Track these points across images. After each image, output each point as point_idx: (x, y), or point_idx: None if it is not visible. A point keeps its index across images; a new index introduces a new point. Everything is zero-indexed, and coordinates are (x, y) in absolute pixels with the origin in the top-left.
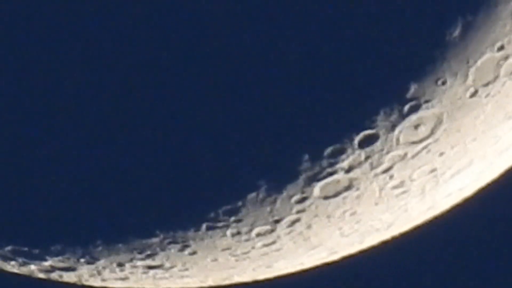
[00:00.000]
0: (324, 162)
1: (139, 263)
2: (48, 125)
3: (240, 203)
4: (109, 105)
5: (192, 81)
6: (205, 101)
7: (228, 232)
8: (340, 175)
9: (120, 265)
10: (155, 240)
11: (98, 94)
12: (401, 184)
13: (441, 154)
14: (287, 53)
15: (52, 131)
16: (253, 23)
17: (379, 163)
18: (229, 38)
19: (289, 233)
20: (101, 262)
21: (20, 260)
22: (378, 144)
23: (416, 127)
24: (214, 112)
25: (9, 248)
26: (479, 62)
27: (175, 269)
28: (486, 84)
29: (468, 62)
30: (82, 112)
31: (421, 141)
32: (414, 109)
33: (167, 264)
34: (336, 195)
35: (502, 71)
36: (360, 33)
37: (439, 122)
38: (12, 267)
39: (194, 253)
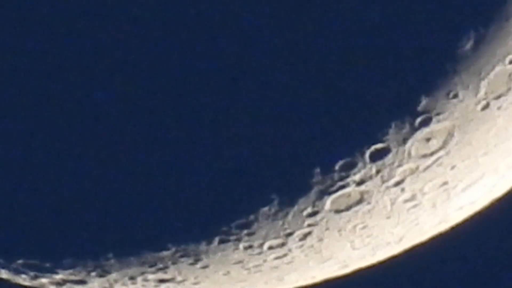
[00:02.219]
0: (336, 176)
1: (150, 276)
2: (59, 139)
3: (252, 217)
4: (119, 120)
5: (206, 95)
6: (218, 114)
7: (240, 246)
8: (351, 189)
9: (132, 278)
10: (167, 253)
11: (108, 112)
12: (413, 197)
13: (453, 167)
14: (298, 66)
15: (64, 145)
16: (266, 36)
17: (391, 177)
18: (243, 53)
19: (300, 246)
20: (113, 275)
21: (31, 273)
22: (389, 158)
23: (428, 140)
24: (226, 125)
25: (20, 261)
26: (491, 75)
27: (187, 283)
28: (498, 97)
29: (480, 75)
30: (91, 125)
31: (432, 154)
32: (426, 122)
33: (179, 278)
34: (347, 208)
35: None
36: (371, 46)
37: (450, 135)
38: (23, 280)
39: (206, 266)
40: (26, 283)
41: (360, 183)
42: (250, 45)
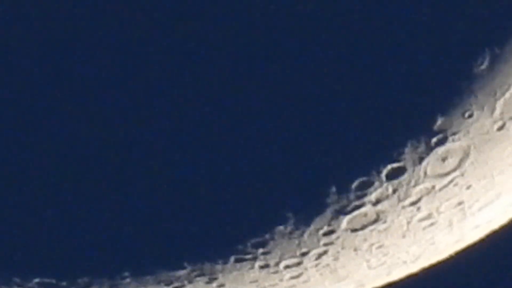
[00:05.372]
0: (352, 195)
1: None
2: (75, 155)
3: (268, 236)
4: (136, 140)
5: (221, 113)
6: (233, 133)
7: (256, 265)
8: (367, 208)
9: None
10: (182, 272)
11: (124, 133)
12: (429, 216)
13: (469, 186)
14: (316, 85)
15: (78, 162)
16: (279, 57)
17: (407, 196)
18: (259, 72)
19: (316, 265)
20: None
21: None
22: (405, 177)
23: (444, 159)
24: (241, 145)
25: (36, 280)
26: (506, 95)
27: None
28: None
29: (495, 95)
30: (107, 142)
31: (448, 173)
32: (441, 141)
33: None
34: (363, 227)
35: None
36: (387, 65)
37: (466, 154)
38: None
39: (222, 285)
40: None
41: (376, 202)
42: (268, 62)
